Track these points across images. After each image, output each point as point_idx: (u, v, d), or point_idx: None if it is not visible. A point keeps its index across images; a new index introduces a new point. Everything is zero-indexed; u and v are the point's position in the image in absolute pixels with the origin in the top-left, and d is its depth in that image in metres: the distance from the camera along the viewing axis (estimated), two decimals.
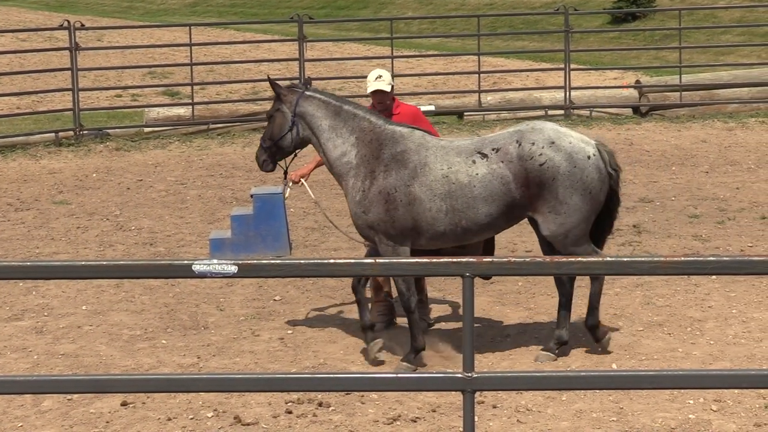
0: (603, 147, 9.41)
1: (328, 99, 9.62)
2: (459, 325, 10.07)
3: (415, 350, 9.34)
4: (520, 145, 9.12)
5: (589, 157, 9.20)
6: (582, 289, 10.96)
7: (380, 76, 10.00)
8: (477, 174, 9.10)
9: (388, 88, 9.98)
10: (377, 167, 9.25)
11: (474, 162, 9.14)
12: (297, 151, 9.83)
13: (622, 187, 9.71)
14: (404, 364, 9.27)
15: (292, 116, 9.61)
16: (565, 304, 9.64)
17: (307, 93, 9.63)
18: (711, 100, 21.24)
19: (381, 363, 9.34)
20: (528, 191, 9.09)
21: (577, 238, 9.26)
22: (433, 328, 10.25)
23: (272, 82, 9.78)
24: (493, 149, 9.17)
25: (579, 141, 9.28)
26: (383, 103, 10.04)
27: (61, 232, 13.72)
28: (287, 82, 10.05)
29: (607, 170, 9.31)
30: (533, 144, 9.10)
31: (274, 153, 9.80)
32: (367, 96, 10.23)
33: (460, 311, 9.94)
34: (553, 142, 9.12)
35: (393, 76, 21.04)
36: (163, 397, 8.57)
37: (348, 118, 9.48)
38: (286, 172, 10.06)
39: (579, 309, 10.56)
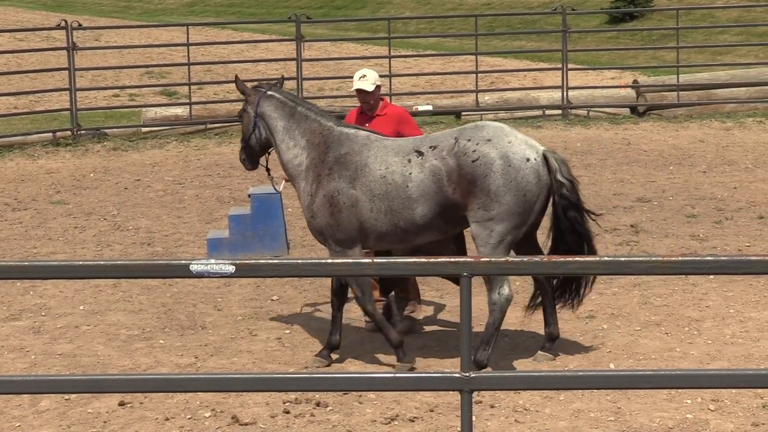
0: (553, 155, 9.09)
1: (286, 100, 9.61)
2: (456, 324, 10.07)
3: (394, 347, 9.32)
4: (456, 141, 8.98)
5: (527, 160, 8.89)
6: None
7: (364, 76, 9.97)
8: (411, 173, 9.02)
9: (370, 88, 9.93)
10: (323, 171, 9.24)
11: (409, 161, 9.06)
12: (270, 150, 9.84)
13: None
14: (399, 364, 9.26)
15: (254, 116, 9.65)
16: (548, 303, 9.58)
17: (269, 93, 9.64)
18: (708, 100, 21.24)
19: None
20: (460, 188, 8.90)
21: (500, 240, 8.89)
22: (429, 328, 10.26)
23: (238, 82, 9.82)
24: (430, 147, 9.07)
25: (521, 143, 9.00)
26: (367, 102, 10.02)
27: (58, 231, 13.71)
28: (289, 82, 10.08)
29: (555, 179, 9.01)
30: (469, 140, 8.95)
31: (249, 153, 9.85)
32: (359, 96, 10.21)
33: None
34: (489, 140, 8.93)
35: (390, 76, 21.15)
36: (161, 397, 8.57)
37: (301, 119, 9.49)
38: (268, 170, 10.07)
39: (581, 308, 10.57)
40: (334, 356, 9.51)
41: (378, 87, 10.01)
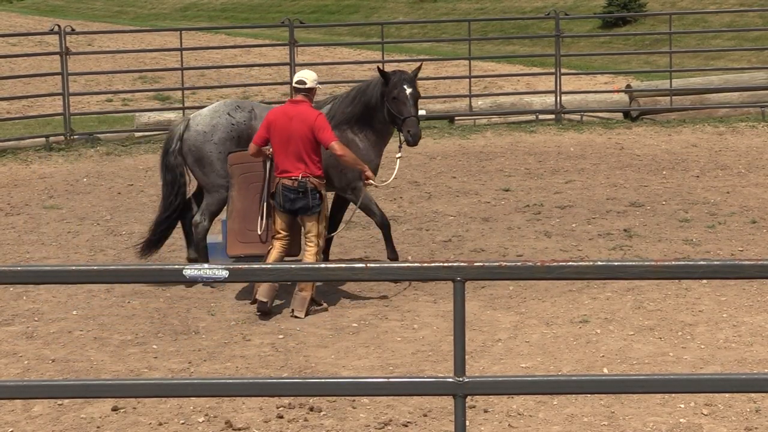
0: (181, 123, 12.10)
1: None
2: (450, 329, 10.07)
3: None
4: None
5: None
6: (571, 292, 10.95)
7: None
8: None
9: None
10: None
11: None
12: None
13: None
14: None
15: None
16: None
17: None
18: (701, 105, 21.27)
19: None
20: None
21: None
22: (422, 333, 10.26)
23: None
24: None
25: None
26: None
27: (51, 236, 13.70)
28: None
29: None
30: None
31: None
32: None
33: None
34: None
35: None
36: (154, 402, 8.57)
37: None
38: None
39: (574, 312, 10.56)
40: None
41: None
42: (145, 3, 57.04)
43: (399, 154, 11.66)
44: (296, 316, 10.63)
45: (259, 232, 11.12)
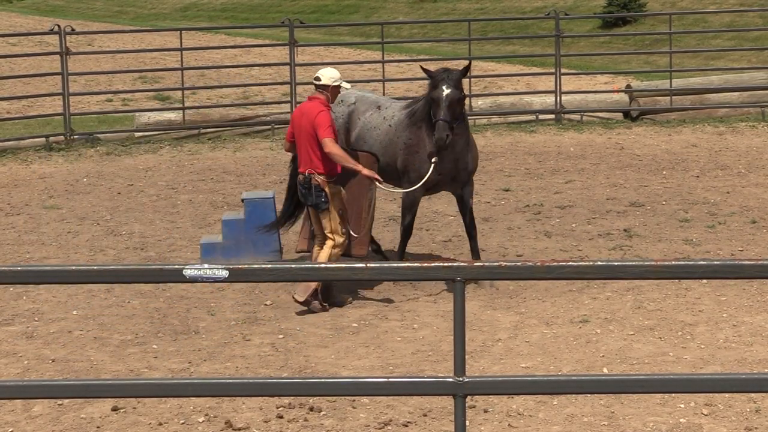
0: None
1: None
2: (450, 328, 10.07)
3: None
4: None
5: None
6: (571, 294, 10.94)
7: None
8: None
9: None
10: None
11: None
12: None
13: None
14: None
15: None
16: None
17: None
18: (701, 105, 21.24)
19: None
20: None
21: None
22: (422, 333, 10.26)
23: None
24: None
25: None
26: None
27: (51, 236, 13.70)
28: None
29: None
30: None
31: None
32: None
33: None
34: None
35: (384, 81, 21.15)
36: (154, 402, 8.57)
37: None
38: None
39: (574, 312, 10.55)
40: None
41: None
42: (145, 3, 57.02)
43: (434, 159, 11.35)
44: (296, 299, 10.71)
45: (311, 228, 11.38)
